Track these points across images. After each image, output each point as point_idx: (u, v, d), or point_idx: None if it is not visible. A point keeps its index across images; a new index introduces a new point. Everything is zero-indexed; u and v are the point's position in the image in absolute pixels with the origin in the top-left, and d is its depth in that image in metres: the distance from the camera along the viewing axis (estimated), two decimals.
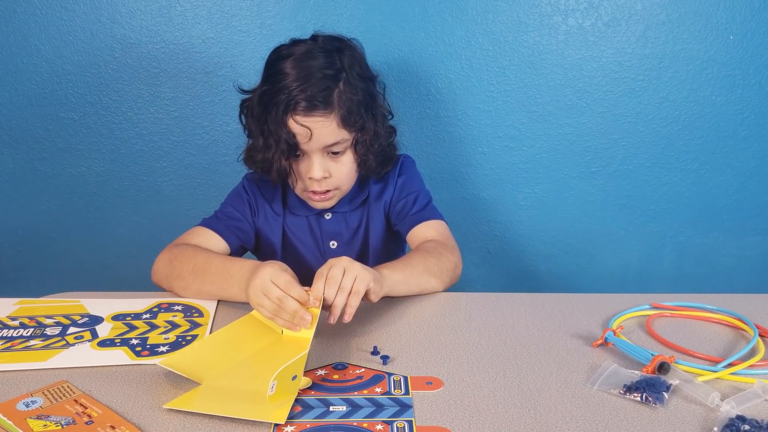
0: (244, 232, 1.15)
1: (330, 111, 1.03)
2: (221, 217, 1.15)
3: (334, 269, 0.89)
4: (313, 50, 1.06)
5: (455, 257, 1.09)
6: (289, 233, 1.18)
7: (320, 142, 1.05)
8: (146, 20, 1.37)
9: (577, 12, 1.35)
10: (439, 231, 1.14)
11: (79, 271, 1.55)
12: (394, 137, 1.18)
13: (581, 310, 0.98)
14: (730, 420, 0.70)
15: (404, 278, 1.00)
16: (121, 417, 0.71)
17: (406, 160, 1.22)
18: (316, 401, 0.75)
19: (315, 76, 1.03)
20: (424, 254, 1.06)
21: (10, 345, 0.87)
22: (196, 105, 1.43)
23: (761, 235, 1.52)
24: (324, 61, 1.05)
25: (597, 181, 1.47)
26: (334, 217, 1.18)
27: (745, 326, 0.92)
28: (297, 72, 1.03)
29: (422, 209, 1.16)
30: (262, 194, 1.18)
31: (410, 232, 1.14)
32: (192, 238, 1.10)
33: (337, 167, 1.09)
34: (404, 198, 1.17)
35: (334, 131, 1.05)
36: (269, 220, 1.18)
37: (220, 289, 0.99)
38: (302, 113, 1.03)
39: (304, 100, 1.02)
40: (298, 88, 1.02)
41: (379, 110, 1.13)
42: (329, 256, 1.14)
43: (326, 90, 1.03)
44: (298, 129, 1.03)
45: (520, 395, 0.76)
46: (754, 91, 1.40)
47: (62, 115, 1.44)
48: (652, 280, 1.55)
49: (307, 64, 1.04)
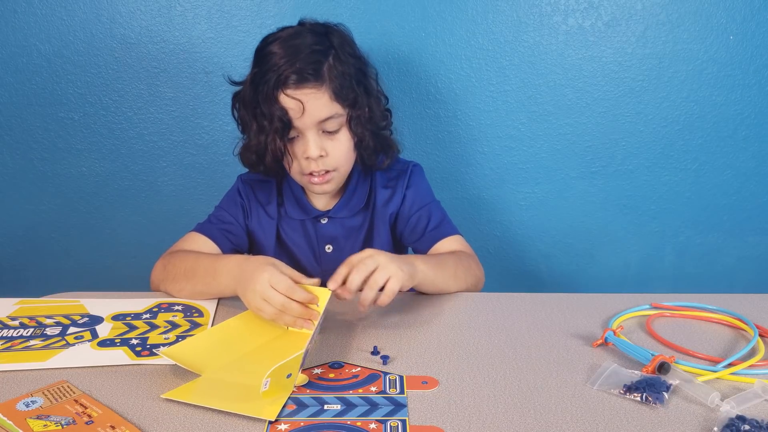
0: (236, 236, 1.15)
1: (321, 83, 1.02)
2: (214, 221, 1.15)
3: (367, 260, 0.90)
4: (301, 31, 1.06)
5: (480, 272, 1.11)
6: (283, 236, 1.17)
7: (314, 117, 1.03)
8: (146, 20, 1.37)
9: (577, 12, 1.35)
10: (463, 244, 1.14)
11: (79, 271, 1.55)
12: (389, 119, 1.16)
13: (581, 310, 0.98)
14: (730, 420, 0.70)
15: (434, 277, 1.01)
16: (121, 417, 0.71)
17: (416, 169, 1.20)
18: (311, 399, 0.75)
19: (304, 52, 1.02)
20: (457, 261, 1.07)
21: (10, 345, 0.87)
22: (196, 105, 1.43)
23: (761, 235, 1.52)
24: (312, 40, 1.04)
25: (597, 181, 1.47)
26: (330, 221, 1.16)
27: (745, 326, 0.92)
28: (285, 50, 1.02)
29: (439, 225, 1.15)
30: (256, 197, 1.17)
31: (431, 251, 1.13)
32: (186, 245, 1.10)
33: (333, 145, 1.06)
34: (417, 213, 1.16)
35: (326, 104, 1.03)
36: (262, 223, 1.16)
37: (210, 287, 0.99)
38: (293, 86, 1.01)
39: (294, 73, 1.00)
40: (287, 63, 1.01)
41: (373, 89, 1.11)
42: (325, 260, 1.16)
43: (316, 63, 1.02)
44: (290, 103, 1.01)
45: (520, 395, 0.76)
46: (754, 91, 1.40)
47: (62, 115, 1.44)
48: (652, 280, 1.55)
49: (294, 42, 1.03)
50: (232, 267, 0.95)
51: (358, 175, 1.16)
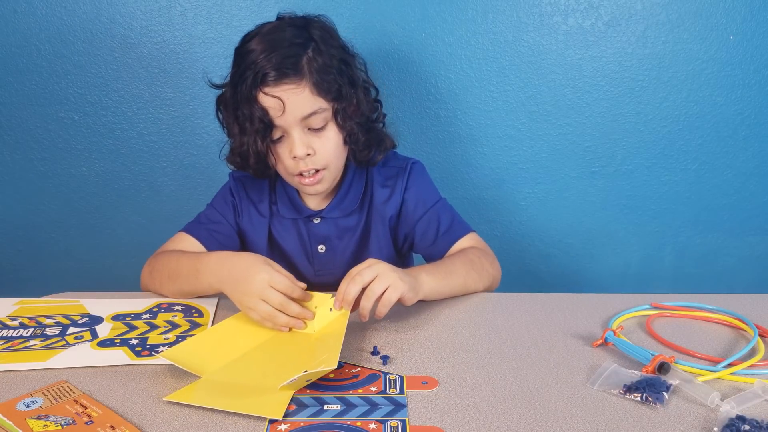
0: (224, 236, 1.12)
1: (300, 78, 0.97)
2: (203, 220, 1.13)
3: (365, 271, 0.88)
4: (280, 25, 1.02)
5: (495, 270, 1.08)
6: (275, 235, 1.14)
7: (295, 114, 0.99)
8: (146, 20, 1.37)
9: (577, 12, 1.35)
10: (478, 241, 1.11)
11: (79, 271, 1.55)
12: (380, 111, 1.12)
13: (581, 310, 0.98)
14: (730, 420, 0.70)
15: (442, 287, 0.99)
16: (121, 417, 0.71)
17: (416, 167, 1.15)
18: (311, 400, 0.75)
19: (282, 45, 0.98)
20: (468, 264, 1.03)
21: (10, 345, 0.87)
22: (196, 105, 1.43)
23: (761, 235, 1.52)
24: (292, 33, 1.00)
25: (597, 181, 1.47)
26: (323, 221, 1.13)
27: (745, 326, 0.92)
28: (263, 45, 0.98)
29: (450, 226, 1.11)
30: (247, 195, 1.14)
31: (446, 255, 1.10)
32: (172, 245, 1.09)
33: (320, 142, 1.02)
34: (424, 217, 1.12)
35: (308, 100, 0.98)
36: (253, 222, 1.14)
37: (194, 287, 0.99)
38: (272, 84, 0.97)
39: (272, 69, 0.96)
40: (264, 59, 0.97)
41: (359, 79, 1.06)
42: (317, 260, 1.14)
43: (294, 57, 0.98)
44: (270, 102, 0.98)
45: (520, 395, 0.76)
46: (754, 91, 1.40)
47: (62, 115, 1.44)
48: (652, 280, 1.55)
49: (273, 37, 1.00)
50: (213, 265, 0.94)
51: (353, 173, 1.13)
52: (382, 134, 1.12)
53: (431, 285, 0.97)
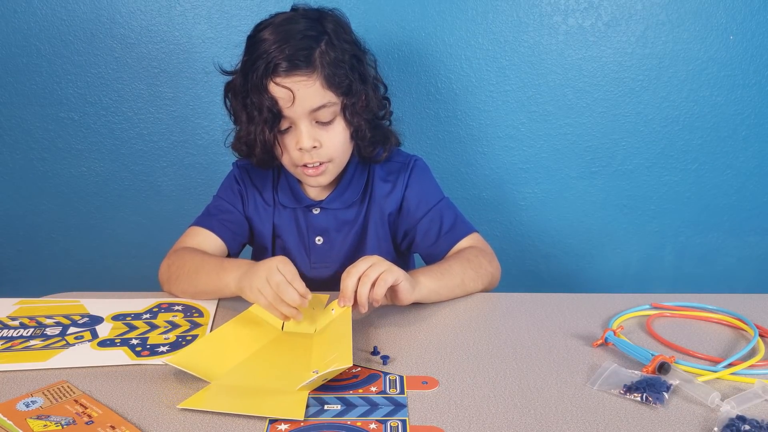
0: (237, 225, 1.13)
1: (312, 70, 0.98)
2: (213, 212, 1.13)
3: (360, 263, 0.89)
4: (293, 17, 1.02)
5: (493, 268, 1.08)
6: (276, 223, 1.14)
7: (305, 106, 0.99)
8: (146, 20, 1.37)
9: (577, 12, 1.35)
10: (478, 241, 1.11)
11: (79, 271, 1.55)
12: (388, 108, 1.12)
13: (581, 310, 0.98)
14: (730, 420, 0.70)
15: (439, 288, 0.99)
16: (121, 417, 0.71)
17: (418, 164, 1.15)
18: (311, 400, 0.75)
19: (295, 38, 0.98)
20: (465, 264, 1.03)
21: (10, 345, 0.87)
22: (196, 105, 1.43)
23: (761, 235, 1.52)
24: (305, 25, 1.00)
25: (597, 181, 1.47)
26: (322, 212, 1.12)
27: (745, 326, 0.92)
28: (276, 36, 0.98)
29: (453, 226, 1.11)
30: (253, 183, 1.14)
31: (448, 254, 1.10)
32: (189, 241, 1.09)
33: (327, 136, 1.02)
34: (426, 216, 1.11)
35: (318, 92, 0.99)
36: (259, 210, 1.14)
37: (214, 284, 0.98)
38: (283, 74, 0.97)
39: (284, 60, 0.97)
40: (277, 49, 0.97)
41: (369, 76, 1.07)
42: (314, 252, 1.14)
43: (307, 49, 0.98)
44: (280, 92, 0.98)
45: (520, 395, 0.76)
46: (754, 91, 1.40)
47: (62, 115, 1.44)
48: (652, 280, 1.55)
49: (286, 28, 0.99)
50: (239, 262, 0.97)
51: (356, 167, 1.13)
52: (388, 132, 1.12)
53: (429, 285, 0.97)
